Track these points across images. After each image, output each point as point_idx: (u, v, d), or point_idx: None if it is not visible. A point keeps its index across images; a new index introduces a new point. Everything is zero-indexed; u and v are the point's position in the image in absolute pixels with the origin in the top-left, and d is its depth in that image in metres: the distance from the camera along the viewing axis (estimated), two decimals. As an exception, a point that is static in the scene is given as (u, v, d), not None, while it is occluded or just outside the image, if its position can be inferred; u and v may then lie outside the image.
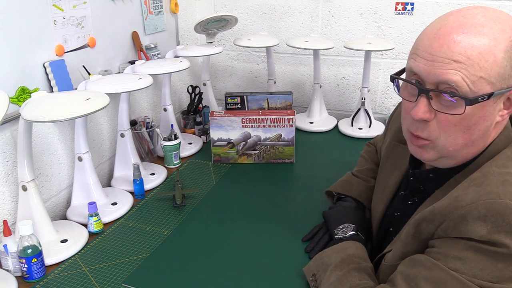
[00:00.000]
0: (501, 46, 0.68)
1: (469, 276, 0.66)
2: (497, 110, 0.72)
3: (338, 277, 0.85)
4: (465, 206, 0.67)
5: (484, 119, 0.71)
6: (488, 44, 0.67)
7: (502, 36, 0.68)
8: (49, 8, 1.21)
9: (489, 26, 0.68)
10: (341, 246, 0.95)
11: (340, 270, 0.86)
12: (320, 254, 0.96)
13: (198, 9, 2.14)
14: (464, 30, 0.68)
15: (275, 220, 1.24)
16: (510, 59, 0.68)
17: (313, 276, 0.93)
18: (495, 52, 0.67)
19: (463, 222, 0.67)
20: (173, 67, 1.46)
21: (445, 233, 0.70)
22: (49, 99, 1.06)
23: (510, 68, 0.69)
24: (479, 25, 0.68)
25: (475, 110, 0.70)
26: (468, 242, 0.67)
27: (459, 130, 0.72)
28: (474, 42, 0.67)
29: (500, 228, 0.64)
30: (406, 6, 1.82)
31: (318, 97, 1.92)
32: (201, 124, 1.85)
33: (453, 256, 0.68)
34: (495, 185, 0.67)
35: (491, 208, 0.65)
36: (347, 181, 1.20)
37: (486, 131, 0.73)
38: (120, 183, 1.44)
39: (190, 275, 1.03)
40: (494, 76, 0.68)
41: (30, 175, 1.09)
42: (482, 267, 0.66)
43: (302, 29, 2.02)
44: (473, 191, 0.68)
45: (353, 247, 0.94)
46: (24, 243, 1.00)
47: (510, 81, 0.70)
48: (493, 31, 0.68)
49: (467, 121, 0.71)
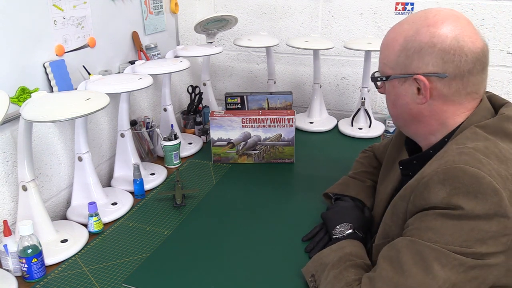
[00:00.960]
0: (400, 40, 0.84)
1: (442, 244, 0.71)
2: (410, 93, 0.85)
3: (335, 274, 0.86)
4: (427, 175, 0.76)
5: (399, 97, 0.88)
6: (393, 37, 0.86)
7: (406, 32, 0.84)
8: (49, 8, 1.21)
9: (403, 25, 0.86)
10: (339, 245, 0.96)
11: (337, 268, 0.87)
12: (318, 255, 0.96)
13: (198, 9, 2.14)
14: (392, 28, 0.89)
15: (275, 220, 1.24)
16: (406, 51, 0.83)
17: (312, 277, 0.93)
18: (394, 45, 0.85)
19: (427, 188, 0.75)
20: (173, 67, 1.46)
21: (414, 205, 0.78)
22: (49, 99, 1.06)
23: (405, 58, 0.83)
24: (399, 24, 0.87)
25: (390, 89, 0.90)
26: (435, 211, 0.73)
27: (389, 104, 0.92)
28: (387, 36, 0.88)
29: (457, 189, 0.71)
30: (406, 6, 1.82)
31: (318, 97, 1.92)
32: (201, 124, 1.85)
33: (424, 228, 0.74)
34: (452, 156, 0.75)
35: (448, 172, 0.73)
36: (344, 183, 1.22)
37: (409, 109, 0.87)
38: (120, 183, 1.44)
39: (190, 275, 1.03)
40: (392, 62, 0.86)
41: (30, 175, 1.09)
42: (451, 233, 0.71)
43: (302, 29, 2.02)
44: (435, 164, 0.77)
45: (351, 245, 0.95)
46: (24, 243, 1.00)
47: (408, 69, 0.84)
48: (402, 28, 0.85)
49: (389, 97, 0.91)
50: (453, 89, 0.81)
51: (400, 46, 0.84)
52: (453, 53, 0.79)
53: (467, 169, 0.71)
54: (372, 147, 1.32)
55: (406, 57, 0.83)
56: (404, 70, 0.84)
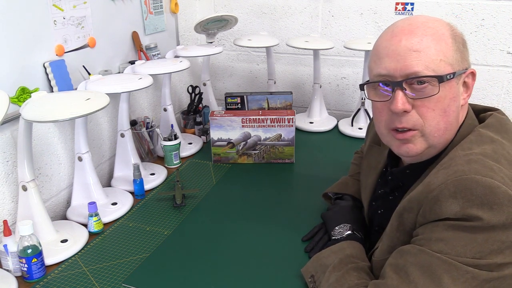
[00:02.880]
0: (446, 34, 0.78)
1: (453, 255, 0.68)
2: (460, 92, 0.79)
3: (337, 277, 0.85)
4: (436, 188, 0.70)
5: (454, 100, 0.78)
6: (437, 33, 0.77)
7: (444, 28, 0.79)
8: (49, 8, 1.21)
9: (432, 22, 0.79)
10: (339, 246, 0.95)
11: (339, 271, 0.86)
12: (318, 255, 0.96)
13: (198, 9, 2.14)
14: (414, 26, 0.78)
15: (275, 220, 1.24)
16: (457, 45, 0.78)
17: (311, 277, 0.93)
18: (445, 39, 0.77)
19: (437, 203, 0.70)
20: (173, 67, 1.46)
21: (424, 218, 0.73)
22: (49, 99, 1.06)
23: (461, 52, 0.78)
24: (423, 22, 0.79)
25: (446, 92, 0.77)
26: (446, 222, 0.70)
27: (438, 114, 0.78)
28: (425, 32, 0.77)
29: (471, 202, 0.67)
30: (406, 6, 1.82)
31: (318, 97, 1.92)
32: (201, 124, 1.85)
33: (435, 239, 0.70)
34: (460, 164, 0.71)
35: (459, 185, 0.68)
36: (343, 182, 1.23)
37: (458, 113, 0.80)
38: (120, 183, 1.44)
39: (190, 275, 1.03)
40: (451, 58, 0.77)
41: (30, 175, 1.09)
42: (463, 244, 0.68)
43: (302, 29, 2.02)
44: (442, 174, 0.72)
45: (351, 247, 0.94)
46: (24, 243, 1.00)
47: (464, 64, 0.79)
48: (436, 24, 0.79)
49: (442, 104, 0.77)
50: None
51: (451, 39, 0.78)
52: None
53: (479, 180, 0.67)
54: (362, 148, 1.32)
55: (458, 51, 0.78)
56: (462, 65, 0.79)
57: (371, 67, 0.83)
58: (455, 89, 0.78)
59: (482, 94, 1.83)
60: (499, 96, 1.83)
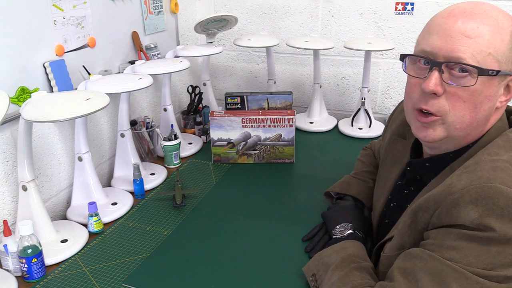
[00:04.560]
0: (507, 30, 0.73)
1: (464, 265, 0.67)
2: (499, 94, 0.76)
3: (339, 277, 0.85)
4: (458, 191, 0.69)
5: (489, 99, 0.75)
6: (497, 24, 0.73)
7: (507, 22, 0.73)
8: (49, 8, 1.21)
9: (496, 12, 0.74)
10: (341, 245, 0.95)
11: (342, 270, 0.86)
12: (319, 254, 0.96)
13: (198, 9, 2.14)
14: (476, 11, 0.74)
15: (275, 220, 1.24)
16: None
17: (313, 276, 0.93)
18: (503, 33, 0.72)
19: (456, 207, 0.69)
20: (173, 67, 1.46)
21: (439, 220, 0.71)
22: (49, 99, 1.06)
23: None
24: (487, 10, 0.74)
25: (483, 87, 0.73)
26: (461, 230, 0.68)
27: (467, 107, 0.75)
28: (485, 21, 0.73)
29: (491, 211, 0.66)
30: (406, 6, 1.82)
31: (318, 97, 1.92)
32: (201, 124, 1.85)
33: (447, 246, 0.69)
34: (486, 171, 0.69)
35: (481, 192, 0.67)
36: (345, 182, 1.21)
37: (489, 113, 0.76)
38: (120, 183, 1.44)
39: (190, 275, 1.03)
40: (501, 55, 0.73)
41: (30, 175, 1.09)
42: (476, 255, 0.67)
43: (302, 29, 2.02)
44: (465, 177, 0.70)
45: (353, 246, 0.94)
46: (24, 243, 1.00)
47: None
48: (499, 16, 0.74)
49: (475, 98, 0.74)
50: None
51: (510, 37, 0.73)
52: None
53: (503, 190, 0.66)
54: (371, 145, 1.31)
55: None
56: (510, 66, 0.74)
57: (418, 41, 0.80)
58: (494, 88, 0.74)
59: (482, 94, 1.83)
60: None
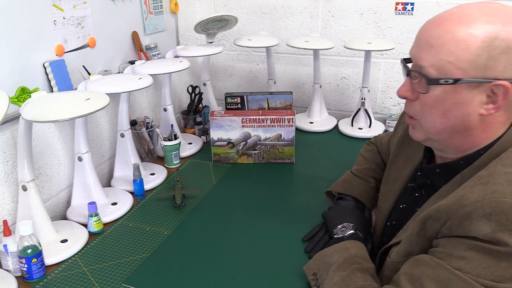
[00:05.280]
0: (478, 36, 0.69)
1: (473, 276, 0.67)
2: (477, 101, 0.72)
3: (342, 277, 0.84)
4: (471, 204, 0.68)
5: (458, 106, 0.73)
6: (466, 31, 0.69)
7: (487, 27, 0.69)
8: (49, 8, 1.21)
9: (477, 16, 0.70)
10: (343, 245, 0.94)
11: (344, 271, 0.85)
12: (321, 253, 0.95)
13: (198, 9, 2.14)
14: (450, 18, 0.72)
15: (275, 220, 1.24)
16: (489, 50, 0.69)
17: (314, 275, 0.93)
18: (471, 40, 0.69)
19: (468, 220, 0.67)
20: (173, 67, 1.46)
21: (449, 231, 0.70)
22: (49, 99, 1.06)
23: (487, 59, 0.69)
24: (466, 14, 0.71)
25: (447, 94, 0.73)
26: (472, 241, 0.67)
27: (435, 113, 0.76)
28: (453, 28, 0.71)
29: (504, 227, 0.65)
30: (406, 6, 1.82)
31: (318, 97, 1.92)
32: (201, 124, 1.85)
33: (457, 256, 0.68)
34: (500, 184, 0.68)
35: (496, 207, 0.66)
36: (347, 181, 1.20)
37: (467, 120, 0.74)
38: (120, 183, 1.44)
39: (190, 275, 1.03)
40: (465, 62, 0.70)
41: (30, 175, 1.09)
42: (485, 267, 0.66)
43: (302, 29, 2.02)
44: (479, 190, 0.69)
45: (355, 247, 0.94)
46: (24, 243, 1.00)
47: (488, 73, 0.70)
48: (479, 21, 0.69)
49: (441, 105, 0.74)
50: None
51: (481, 43, 0.68)
52: None
53: None
54: (376, 140, 1.29)
55: (489, 58, 0.69)
56: (481, 74, 0.70)
57: None
58: (464, 96, 0.72)
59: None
60: None
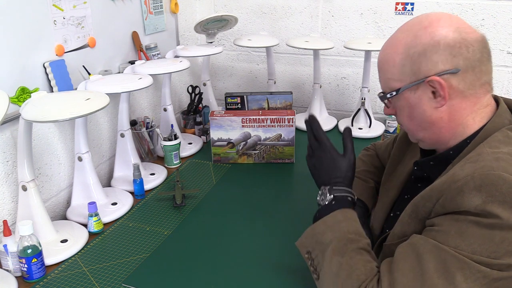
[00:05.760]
0: (399, 50, 0.81)
1: (468, 253, 0.69)
2: (426, 99, 0.81)
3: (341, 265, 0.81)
4: (462, 179, 0.71)
5: (414, 107, 0.83)
6: (390, 51, 0.83)
7: (404, 41, 0.81)
8: (49, 8, 1.21)
9: (400, 36, 0.82)
10: (334, 219, 0.89)
11: (341, 256, 0.82)
12: (312, 229, 0.91)
13: (198, 9, 2.14)
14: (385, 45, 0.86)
15: (275, 220, 1.24)
16: (409, 58, 0.80)
17: (308, 253, 0.89)
18: (394, 57, 0.82)
19: (460, 193, 0.71)
20: (173, 67, 1.46)
21: (443, 207, 0.73)
22: (49, 99, 1.06)
23: (411, 65, 0.80)
24: (391, 38, 0.85)
25: (402, 102, 0.85)
26: (466, 217, 0.70)
27: (405, 119, 0.87)
28: (383, 54, 0.85)
29: (494, 197, 0.68)
30: (406, 6, 1.82)
31: (318, 97, 1.92)
32: (201, 124, 1.85)
33: (453, 233, 0.71)
34: (489, 160, 0.72)
35: (485, 179, 0.69)
36: None
37: (427, 116, 0.83)
38: (120, 183, 1.44)
39: (190, 275, 1.03)
40: (397, 75, 0.82)
41: (30, 175, 1.09)
42: (480, 242, 0.68)
43: (302, 29, 2.02)
44: (468, 167, 0.73)
45: (346, 219, 0.88)
46: (24, 243, 1.00)
47: (418, 75, 0.80)
48: (398, 39, 0.82)
49: (404, 111, 0.86)
50: (468, 82, 0.78)
51: (402, 55, 0.81)
52: (459, 46, 0.77)
53: (506, 177, 0.68)
54: (374, 146, 1.30)
55: (412, 64, 0.80)
56: (414, 77, 0.80)
57: None
58: (412, 98, 0.83)
59: (482, 94, 1.83)
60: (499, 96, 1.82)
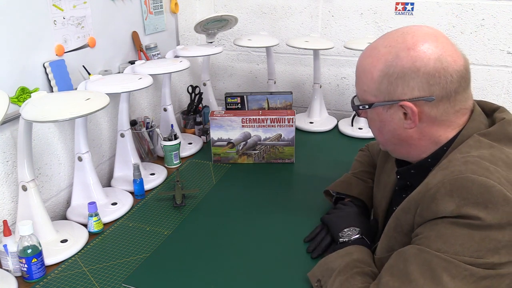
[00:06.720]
0: (379, 66, 0.81)
1: (451, 254, 0.69)
2: (397, 119, 0.83)
3: (341, 281, 0.84)
4: (434, 186, 0.73)
5: (386, 123, 0.85)
6: (370, 63, 0.82)
7: (385, 57, 0.80)
8: (49, 8, 1.21)
9: (379, 48, 0.82)
10: (347, 250, 0.94)
11: (344, 275, 0.85)
12: (325, 259, 0.95)
13: (198, 9, 2.14)
14: (363, 53, 0.86)
15: (275, 220, 1.24)
16: (388, 77, 0.80)
17: (318, 282, 0.92)
18: (373, 71, 0.82)
19: (434, 201, 0.72)
20: (173, 67, 1.46)
21: (421, 217, 0.74)
22: (49, 99, 1.06)
23: (388, 85, 0.80)
24: (373, 47, 0.84)
25: (374, 115, 0.86)
26: (444, 219, 0.71)
27: (376, 130, 0.90)
28: (363, 61, 0.85)
29: (467, 200, 0.69)
30: (406, 6, 1.82)
31: (318, 97, 1.92)
32: (201, 124, 1.85)
33: (434, 237, 0.71)
34: (457, 165, 0.73)
35: (455, 183, 0.70)
36: (346, 181, 1.20)
37: (397, 134, 0.85)
38: (120, 183, 1.44)
39: (190, 275, 1.03)
40: (373, 90, 0.83)
41: (30, 175, 1.09)
42: (461, 243, 0.69)
43: (302, 29, 2.02)
44: (440, 174, 0.74)
45: (359, 251, 0.93)
46: (24, 243, 1.00)
47: (392, 96, 0.80)
48: (380, 53, 0.81)
49: (375, 124, 0.88)
50: (441, 110, 0.79)
51: (381, 72, 0.80)
52: (438, 75, 0.77)
53: (475, 179, 0.69)
54: (367, 146, 1.31)
55: (389, 84, 0.80)
56: (388, 97, 0.81)
57: None
58: (384, 115, 0.84)
59: (482, 94, 1.83)
60: (499, 96, 1.83)
